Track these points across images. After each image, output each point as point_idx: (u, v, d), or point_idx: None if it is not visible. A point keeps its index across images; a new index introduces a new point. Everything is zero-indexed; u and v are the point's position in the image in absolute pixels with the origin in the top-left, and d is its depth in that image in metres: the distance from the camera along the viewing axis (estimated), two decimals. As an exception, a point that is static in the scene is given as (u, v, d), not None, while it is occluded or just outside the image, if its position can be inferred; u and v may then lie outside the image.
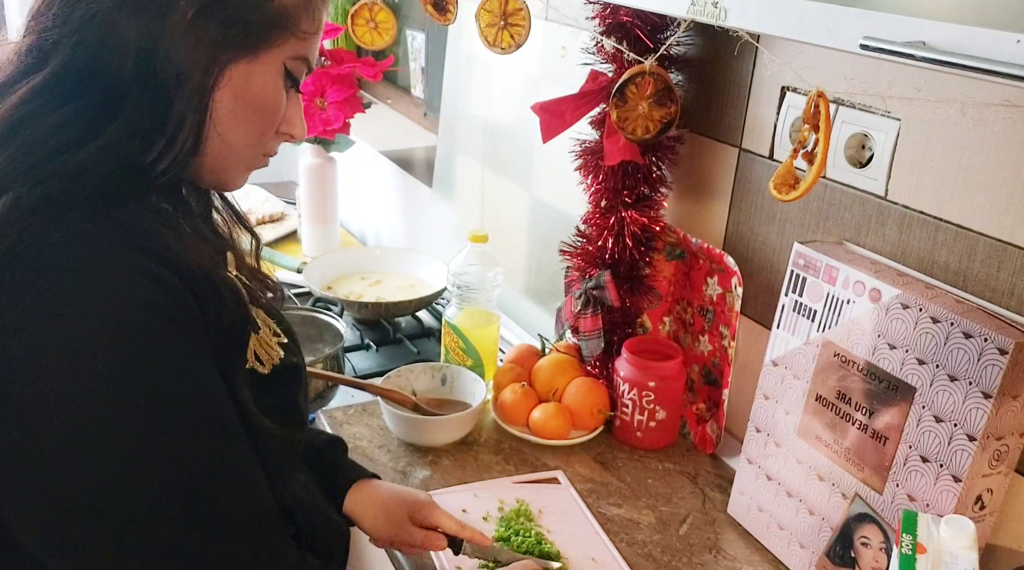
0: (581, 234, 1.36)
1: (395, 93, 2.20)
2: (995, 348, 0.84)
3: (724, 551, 1.12)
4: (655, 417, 1.30)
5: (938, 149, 0.97)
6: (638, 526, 1.16)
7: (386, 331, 1.74)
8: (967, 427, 0.87)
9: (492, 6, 1.21)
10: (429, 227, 2.10)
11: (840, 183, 1.09)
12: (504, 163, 1.79)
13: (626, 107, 1.14)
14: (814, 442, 1.04)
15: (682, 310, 1.36)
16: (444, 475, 1.24)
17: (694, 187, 1.33)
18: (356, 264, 1.94)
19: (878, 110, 1.02)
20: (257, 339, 0.79)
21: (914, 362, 0.91)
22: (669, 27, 1.20)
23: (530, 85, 1.63)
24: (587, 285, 1.33)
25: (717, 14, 0.76)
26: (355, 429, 1.33)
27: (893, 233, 1.04)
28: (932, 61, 0.58)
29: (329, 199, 2.09)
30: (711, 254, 1.26)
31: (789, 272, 1.06)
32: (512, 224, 1.77)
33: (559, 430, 1.31)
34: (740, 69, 1.21)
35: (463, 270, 1.46)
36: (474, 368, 1.44)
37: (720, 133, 1.26)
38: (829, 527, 1.03)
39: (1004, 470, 0.90)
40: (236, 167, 0.78)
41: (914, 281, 0.97)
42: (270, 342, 0.81)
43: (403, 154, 2.22)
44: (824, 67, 1.05)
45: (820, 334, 1.02)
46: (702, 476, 1.27)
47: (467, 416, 1.30)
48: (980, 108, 0.89)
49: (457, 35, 1.86)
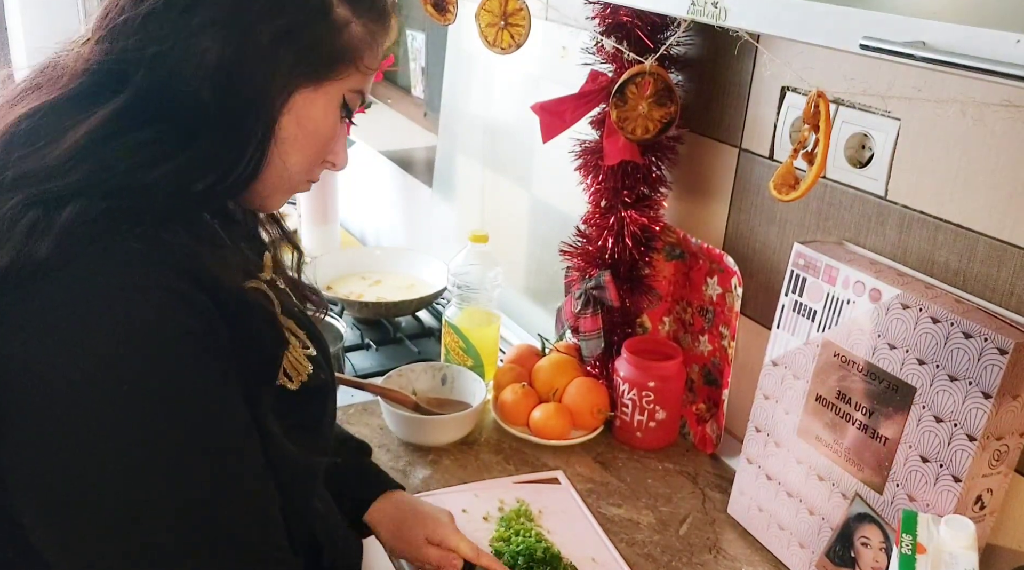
0: (581, 234, 1.36)
1: (395, 93, 2.20)
2: (995, 348, 0.84)
3: (724, 551, 1.12)
4: (655, 417, 1.30)
5: (938, 149, 0.97)
6: (638, 526, 1.16)
7: (386, 331, 1.74)
8: (967, 427, 0.87)
9: (492, 6, 1.21)
10: (429, 227, 2.10)
11: (840, 183, 1.09)
12: (504, 163, 1.79)
13: (626, 107, 1.14)
14: (814, 442, 1.04)
15: (682, 310, 1.36)
16: (444, 475, 1.24)
17: (694, 187, 1.33)
18: (356, 264, 1.94)
19: (878, 110, 1.02)
20: (286, 354, 0.79)
21: (914, 362, 0.91)
22: (669, 27, 1.20)
23: (530, 85, 1.63)
24: (587, 285, 1.33)
25: (717, 14, 0.76)
26: (355, 429, 1.33)
27: (893, 233, 1.04)
28: (932, 61, 0.58)
29: (329, 199, 2.09)
30: (711, 254, 1.26)
31: (789, 272, 1.06)
32: (512, 224, 1.77)
33: (559, 430, 1.31)
34: (740, 69, 1.21)
35: (463, 270, 1.46)
36: (474, 368, 1.44)
37: (720, 133, 1.26)
38: (829, 527, 1.03)
39: (1004, 470, 0.90)
40: (282, 191, 0.81)
41: (914, 281, 0.97)
42: (299, 356, 0.81)
43: (403, 154, 2.22)
44: (824, 67, 1.05)
45: (820, 334, 1.02)
46: (702, 476, 1.27)
47: (467, 416, 1.30)
48: (980, 108, 0.89)
49: (457, 35, 1.86)
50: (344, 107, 0.78)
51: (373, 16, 0.77)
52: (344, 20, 0.74)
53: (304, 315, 0.88)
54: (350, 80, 0.76)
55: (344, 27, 0.74)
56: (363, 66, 0.77)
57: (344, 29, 0.74)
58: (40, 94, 0.71)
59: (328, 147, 0.80)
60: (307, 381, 0.81)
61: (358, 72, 0.77)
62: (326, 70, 0.74)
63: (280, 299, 0.83)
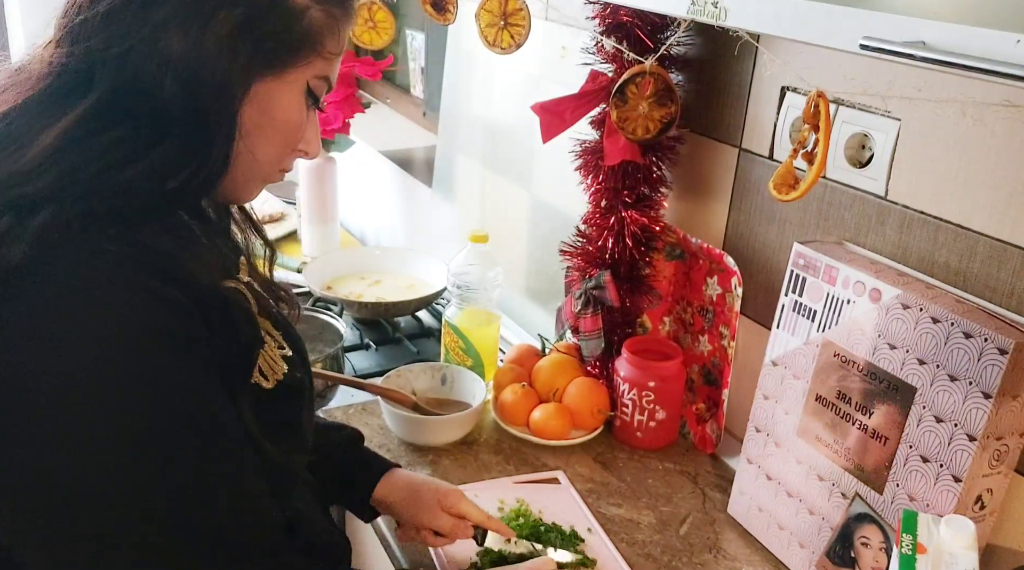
0: (581, 234, 1.36)
1: (394, 93, 2.20)
2: (995, 348, 0.84)
3: (724, 551, 1.12)
4: (655, 417, 1.30)
5: (938, 149, 0.97)
6: (638, 526, 1.16)
7: (386, 331, 1.74)
8: (967, 427, 0.87)
9: (492, 6, 1.21)
10: (429, 227, 2.10)
11: (840, 183, 1.09)
12: (504, 163, 1.79)
13: (626, 107, 1.14)
14: (814, 442, 1.04)
15: (682, 310, 1.36)
16: (444, 475, 1.24)
17: (694, 187, 1.33)
18: (356, 264, 1.94)
19: (878, 110, 1.02)
20: (262, 353, 0.79)
21: (914, 362, 0.91)
22: (669, 27, 1.20)
23: (530, 85, 1.63)
24: (587, 285, 1.33)
25: (717, 14, 0.76)
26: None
27: (893, 233, 1.04)
28: (932, 61, 0.58)
29: (329, 199, 2.09)
30: (711, 254, 1.26)
31: (789, 272, 1.06)
32: (512, 224, 1.77)
33: (559, 430, 1.31)
34: (740, 69, 1.21)
35: (463, 270, 1.46)
36: (474, 368, 1.44)
37: (720, 133, 1.26)
38: (829, 527, 1.03)
39: (1004, 470, 0.90)
40: (254, 182, 0.80)
41: (914, 281, 0.97)
42: (274, 355, 0.81)
43: (403, 154, 2.22)
44: (824, 67, 1.05)
45: (820, 334, 1.02)
46: (702, 476, 1.27)
47: (467, 416, 1.30)
48: (980, 108, 0.89)
49: (457, 35, 1.86)
50: (310, 94, 0.77)
51: (333, 1, 0.76)
52: (303, 6, 0.73)
53: (280, 315, 0.88)
54: (313, 67, 0.75)
55: (303, 13, 0.73)
56: (326, 52, 0.76)
57: (303, 15, 0.73)
58: (6, 97, 0.70)
59: (296, 136, 0.78)
60: (282, 380, 0.81)
61: (320, 58, 0.75)
62: (286, 58, 0.73)
63: (257, 300, 0.83)
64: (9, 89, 0.71)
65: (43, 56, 0.71)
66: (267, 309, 0.85)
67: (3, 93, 0.71)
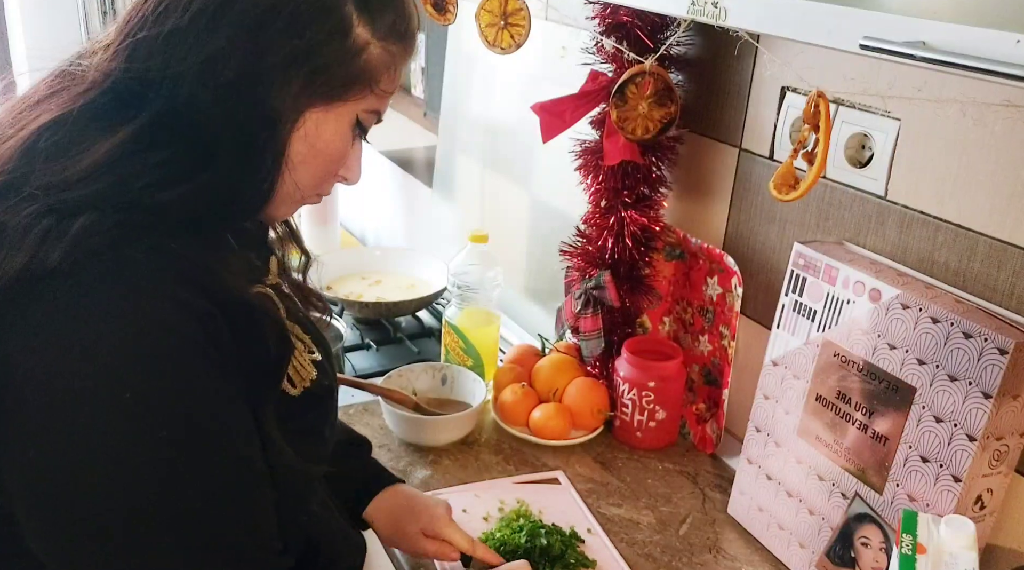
0: (581, 234, 1.36)
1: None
2: (995, 348, 0.84)
3: (724, 551, 1.12)
4: (655, 417, 1.30)
5: (938, 149, 0.97)
6: (638, 526, 1.16)
7: (386, 331, 1.74)
8: (967, 427, 0.87)
9: (492, 6, 1.20)
10: (429, 227, 2.10)
11: (840, 183, 1.09)
12: (504, 163, 1.79)
13: (626, 107, 1.14)
14: (814, 442, 1.04)
15: (682, 310, 1.36)
16: (444, 475, 1.24)
17: (694, 187, 1.33)
18: (356, 264, 1.94)
19: (878, 110, 1.02)
20: (292, 358, 0.79)
21: (914, 362, 0.91)
22: (669, 27, 1.20)
23: (530, 85, 1.63)
24: (587, 285, 1.33)
25: (717, 14, 0.76)
26: (355, 429, 1.33)
27: (893, 233, 1.04)
28: (932, 61, 0.58)
29: (329, 199, 2.07)
30: (711, 254, 1.26)
31: (789, 272, 1.06)
32: (512, 224, 1.77)
33: (559, 430, 1.31)
34: (740, 69, 1.21)
35: (463, 270, 1.46)
36: (474, 368, 1.44)
37: (720, 133, 1.26)
38: (829, 527, 1.03)
39: (1004, 470, 0.90)
40: (292, 204, 0.80)
41: (914, 281, 0.97)
42: (303, 361, 0.81)
43: (403, 154, 2.22)
44: (824, 67, 1.05)
45: (820, 334, 1.02)
46: (702, 476, 1.27)
47: (467, 416, 1.30)
48: (980, 108, 0.89)
49: (457, 35, 1.86)
50: (358, 126, 0.77)
51: (395, 38, 0.75)
52: (363, 43, 0.72)
53: (308, 319, 0.88)
54: (365, 102, 0.75)
55: (362, 50, 0.72)
56: (380, 89, 0.75)
57: (362, 52, 0.72)
58: (60, 101, 0.71)
59: (339, 165, 0.79)
60: (310, 387, 0.81)
61: (374, 95, 0.75)
62: (339, 93, 0.73)
63: (285, 304, 0.83)
64: (62, 92, 0.72)
65: (100, 63, 0.72)
66: (295, 313, 0.85)
67: (56, 96, 0.71)
